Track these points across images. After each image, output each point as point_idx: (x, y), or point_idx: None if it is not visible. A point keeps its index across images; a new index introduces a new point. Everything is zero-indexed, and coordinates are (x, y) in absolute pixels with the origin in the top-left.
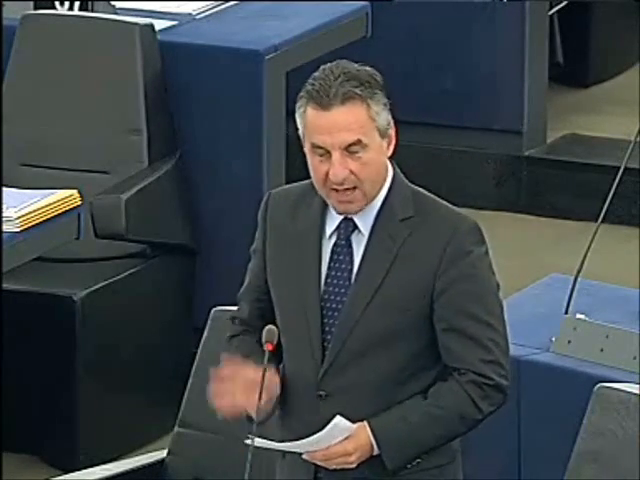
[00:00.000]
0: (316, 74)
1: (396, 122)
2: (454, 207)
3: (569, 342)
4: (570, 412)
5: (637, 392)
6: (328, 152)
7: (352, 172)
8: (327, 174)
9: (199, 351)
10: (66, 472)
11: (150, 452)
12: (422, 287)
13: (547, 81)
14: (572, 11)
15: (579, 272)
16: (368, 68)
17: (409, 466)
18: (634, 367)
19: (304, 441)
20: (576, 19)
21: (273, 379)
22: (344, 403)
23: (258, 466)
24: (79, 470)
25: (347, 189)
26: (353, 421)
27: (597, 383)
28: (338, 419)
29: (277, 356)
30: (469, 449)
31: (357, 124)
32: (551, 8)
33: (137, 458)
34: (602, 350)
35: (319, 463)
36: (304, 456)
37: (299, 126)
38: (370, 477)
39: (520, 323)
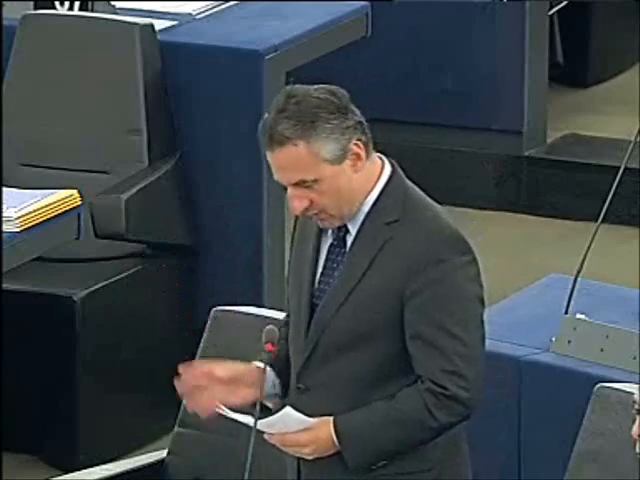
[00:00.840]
0: (273, 102)
1: (396, 122)
2: (443, 214)
3: (569, 342)
4: (570, 412)
5: (637, 392)
6: None
7: (312, 201)
8: None
9: (199, 351)
10: (66, 472)
11: (150, 452)
12: (393, 292)
13: (547, 81)
14: (572, 11)
15: (579, 272)
16: (317, 94)
17: (374, 467)
18: (634, 367)
19: (262, 421)
20: (576, 19)
21: (260, 377)
22: (321, 398)
23: (258, 466)
24: (79, 470)
25: (315, 214)
26: (329, 416)
27: (597, 383)
28: (287, 409)
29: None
30: (469, 449)
31: (297, 165)
32: (551, 8)
33: (137, 458)
34: (602, 350)
35: (276, 445)
36: (265, 435)
37: None
38: (348, 478)
39: (520, 323)
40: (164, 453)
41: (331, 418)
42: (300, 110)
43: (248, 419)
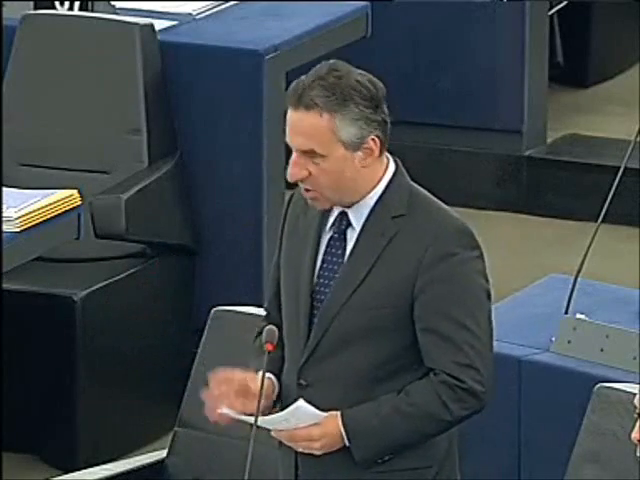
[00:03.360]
0: (314, 68)
1: (396, 122)
2: (449, 209)
3: (569, 342)
4: (570, 412)
5: (637, 392)
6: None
7: (310, 174)
8: None
9: (199, 351)
10: (66, 472)
11: (150, 452)
12: (403, 286)
13: (547, 81)
14: (572, 11)
15: (579, 272)
16: (359, 78)
17: (379, 461)
18: (634, 367)
19: (269, 417)
20: (576, 19)
21: (270, 387)
22: (323, 393)
23: (258, 466)
24: (79, 470)
25: (307, 189)
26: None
27: (597, 383)
28: (300, 402)
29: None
30: (469, 449)
31: (313, 133)
32: (551, 8)
33: (137, 458)
34: (602, 350)
35: (285, 442)
36: (272, 433)
37: None
38: (347, 477)
39: (520, 323)
40: (164, 453)
41: (338, 412)
42: (338, 85)
43: (251, 418)
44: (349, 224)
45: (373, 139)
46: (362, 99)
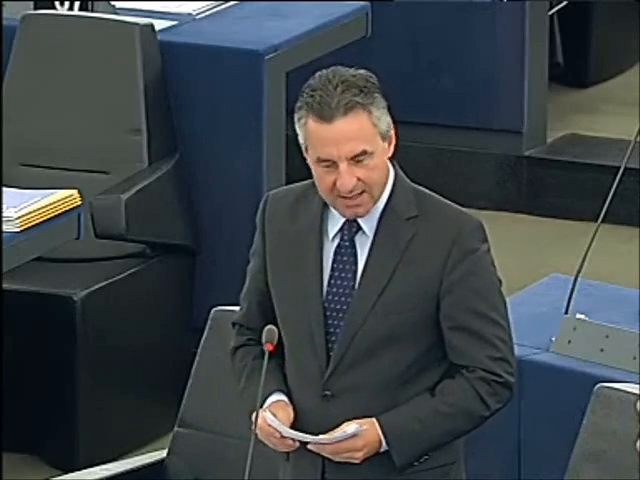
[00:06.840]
0: (313, 83)
1: (396, 122)
2: (457, 205)
3: (569, 342)
4: (570, 412)
5: (637, 392)
6: (334, 162)
7: (359, 179)
8: (334, 183)
9: (199, 351)
10: (66, 472)
11: (150, 452)
12: (428, 287)
13: (547, 81)
14: (572, 11)
15: (579, 272)
16: (363, 71)
17: (416, 463)
18: (634, 367)
19: (315, 437)
20: (576, 19)
21: (289, 413)
22: (350, 403)
23: (258, 466)
24: (79, 470)
25: (355, 197)
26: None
27: (597, 383)
28: (354, 427)
29: (280, 357)
30: (470, 449)
31: (361, 133)
32: (551, 8)
33: (137, 458)
34: (602, 350)
35: (325, 455)
36: (310, 446)
37: (300, 138)
38: (377, 478)
39: (520, 323)
40: (164, 453)
41: (374, 420)
42: (358, 81)
43: (305, 436)
44: (358, 230)
45: (393, 127)
46: (377, 89)
